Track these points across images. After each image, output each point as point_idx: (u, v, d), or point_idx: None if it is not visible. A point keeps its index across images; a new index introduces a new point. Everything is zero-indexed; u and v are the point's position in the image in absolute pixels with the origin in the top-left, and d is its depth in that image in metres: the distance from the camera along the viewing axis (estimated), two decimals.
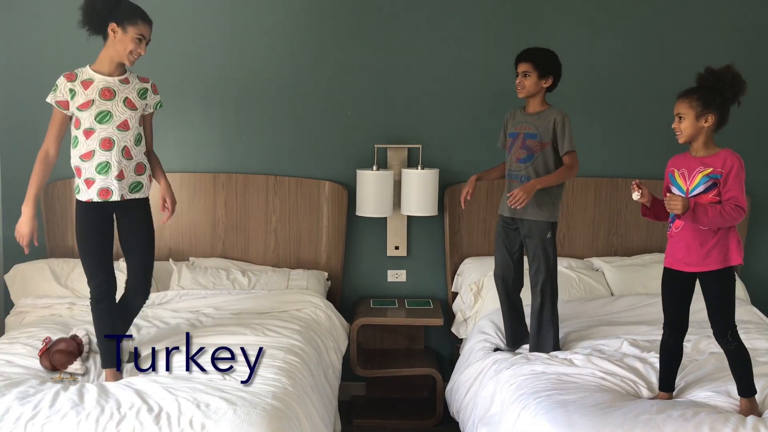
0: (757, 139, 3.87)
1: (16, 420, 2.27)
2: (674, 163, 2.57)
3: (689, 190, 2.47)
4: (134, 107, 2.70)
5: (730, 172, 2.42)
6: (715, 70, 2.47)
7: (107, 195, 2.66)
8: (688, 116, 2.46)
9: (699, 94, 2.45)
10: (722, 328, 2.50)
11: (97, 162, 2.65)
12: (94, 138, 2.65)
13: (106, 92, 2.66)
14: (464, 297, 3.68)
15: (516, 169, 3.02)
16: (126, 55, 2.64)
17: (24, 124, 3.83)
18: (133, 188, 2.73)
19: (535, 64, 2.94)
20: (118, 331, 2.74)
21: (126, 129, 2.68)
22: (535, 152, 2.97)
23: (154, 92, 2.80)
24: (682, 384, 2.68)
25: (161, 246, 3.85)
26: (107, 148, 2.65)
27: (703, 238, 2.47)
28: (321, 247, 3.87)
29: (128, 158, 2.69)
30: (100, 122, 2.64)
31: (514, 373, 2.78)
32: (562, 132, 2.94)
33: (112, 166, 2.65)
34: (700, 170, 2.46)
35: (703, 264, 2.49)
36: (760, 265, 3.97)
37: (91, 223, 2.68)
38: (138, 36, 2.63)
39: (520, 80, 2.97)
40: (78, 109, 2.64)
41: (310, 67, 3.81)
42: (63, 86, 2.65)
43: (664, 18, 3.79)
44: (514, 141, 3.05)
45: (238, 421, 2.27)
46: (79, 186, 2.69)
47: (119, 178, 2.67)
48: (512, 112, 3.13)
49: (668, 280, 2.61)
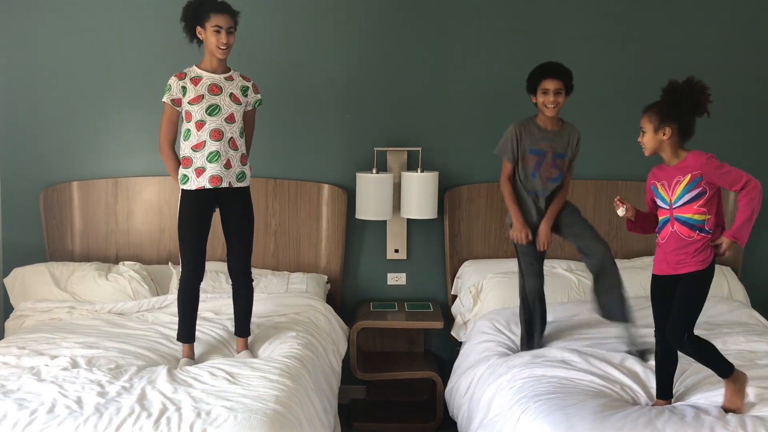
0: (754, 140, 3.86)
1: (13, 426, 2.26)
2: (655, 175, 2.59)
3: (672, 201, 2.50)
4: (239, 102, 2.92)
5: (707, 167, 2.44)
6: (673, 83, 2.50)
7: (218, 182, 2.87)
8: (648, 130, 2.51)
9: (657, 108, 2.50)
10: (680, 332, 2.49)
11: (208, 151, 2.85)
12: (204, 129, 2.85)
13: (214, 88, 2.87)
14: (464, 300, 3.67)
15: (548, 188, 3.08)
16: (214, 49, 2.84)
17: (22, 128, 3.83)
18: (239, 177, 2.94)
19: (566, 82, 2.98)
20: (196, 311, 2.97)
21: (232, 122, 2.89)
22: (563, 171, 3.09)
23: (255, 91, 3.01)
24: (682, 389, 2.67)
25: (161, 249, 3.85)
26: (217, 138, 2.85)
27: (691, 242, 2.48)
28: (321, 250, 3.87)
29: (234, 149, 2.90)
30: (210, 114, 2.85)
31: (514, 377, 2.77)
32: (576, 150, 3.09)
33: (222, 156, 2.86)
34: (679, 180, 2.48)
35: (693, 263, 2.50)
36: (759, 268, 3.96)
37: (196, 211, 2.90)
38: (214, 28, 2.81)
39: (554, 98, 2.96)
40: (189, 104, 2.86)
41: (310, 70, 3.81)
42: (176, 85, 2.87)
43: (662, 20, 3.78)
44: (541, 159, 3.04)
45: (239, 426, 2.26)
46: (188, 176, 2.88)
47: (227, 167, 2.88)
48: (523, 125, 3.07)
49: (657, 288, 2.61)
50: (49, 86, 3.81)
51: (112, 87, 3.80)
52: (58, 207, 3.81)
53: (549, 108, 2.98)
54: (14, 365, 2.76)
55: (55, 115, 3.83)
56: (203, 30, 2.84)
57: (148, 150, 3.76)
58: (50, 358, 2.80)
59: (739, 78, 3.79)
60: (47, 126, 3.84)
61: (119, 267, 3.65)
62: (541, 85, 2.98)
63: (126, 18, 3.76)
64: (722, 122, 3.50)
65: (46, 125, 3.84)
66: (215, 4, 2.84)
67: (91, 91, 3.81)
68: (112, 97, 3.81)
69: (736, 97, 3.77)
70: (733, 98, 3.75)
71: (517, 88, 3.41)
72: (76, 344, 2.95)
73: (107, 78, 3.80)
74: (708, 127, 2.62)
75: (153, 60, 3.76)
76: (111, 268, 3.65)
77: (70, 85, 3.80)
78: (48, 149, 3.85)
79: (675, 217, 2.49)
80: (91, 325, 3.23)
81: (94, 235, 3.84)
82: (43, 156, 3.85)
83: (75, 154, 3.85)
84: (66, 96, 3.82)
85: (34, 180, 3.84)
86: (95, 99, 3.82)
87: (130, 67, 3.79)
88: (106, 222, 3.83)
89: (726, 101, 3.59)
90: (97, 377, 2.63)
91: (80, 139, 3.84)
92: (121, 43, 3.77)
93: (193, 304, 2.97)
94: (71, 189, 3.82)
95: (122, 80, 3.80)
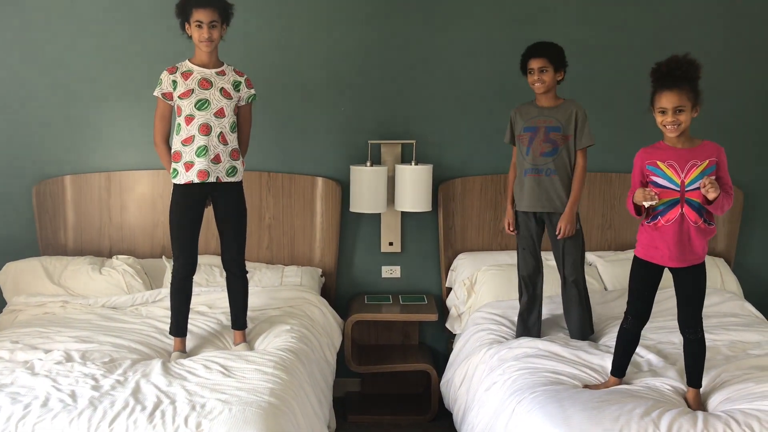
0: (750, 135, 3.87)
1: (7, 419, 2.26)
2: (653, 154, 2.52)
3: (685, 183, 2.46)
4: (230, 96, 2.91)
5: (722, 157, 2.48)
6: (689, 58, 2.46)
7: (205, 176, 2.87)
8: (687, 108, 2.44)
9: (689, 85, 2.45)
10: (697, 318, 2.53)
11: (196, 146, 2.85)
12: (193, 124, 2.85)
13: (204, 82, 2.87)
14: (458, 292, 3.68)
15: (542, 163, 3.03)
16: (198, 44, 2.86)
17: (14, 121, 3.81)
18: (230, 172, 2.92)
19: (551, 59, 2.98)
20: (187, 305, 2.99)
21: (222, 116, 2.88)
22: (560, 145, 3.02)
23: (248, 86, 2.98)
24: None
25: (154, 243, 3.84)
26: (205, 133, 2.85)
27: (694, 232, 2.48)
28: (315, 243, 3.86)
29: (224, 144, 2.90)
30: (199, 109, 2.85)
31: (509, 369, 2.78)
32: (582, 125, 3.01)
33: (210, 150, 2.85)
34: (695, 164, 2.45)
35: (697, 257, 2.50)
36: (751, 260, 3.98)
37: (186, 206, 2.91)
38: (196, 23, 2.82)
39: (538, 76, 2.98)
40: (179, 98, 2.87)
41: (303, 62, 3.80)
42: (166, 79, 2.88)
43: (656, 13, 3.78)
44: (533, 135, 3.04)
45: (233, 419, 2.26)
46: (177, 170, 2.88)
47: (216, 162, 2.88)
48: (519, 108, 3.14)
49: (643, 272, 2.59)
50: (41, 80, 3.78)
51: (105, 80, 3.78)
52: (51, 201, 3.79)
53: (537, 86, 3.01)
54: (8, 359, 2.76)
55: (48, 109, 3.81)
56: (188, 26, 2.86)
57: (142, 144, 3.75)
58: (44, 352, 2.79)
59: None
60: (40, 120, 3.82)
61: (113, 261, 3.64)
62: (528, 65, 3.01)
63: (119, 11, 3.73)
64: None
65: (39, 119, 3.82)
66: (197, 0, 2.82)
67: (85, 84, 3.78)
68: (105, 91, 3.79)
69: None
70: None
71: (511, 80, 3.42)
72: (70, 338, 2.95)
73: (101, 71, 3.78)
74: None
75: (147, 53, 3.74)
76: (104, 262, 3.64)
77: (63, 79, 3.78)
78: (41, 143, 3.82)
79: (686, 200, 2.46)
80: (85, 319, 3.22)
81: (88, 229, 3.83)
82: (35, 150, 3.83)
83: (68, 147, 3.83)
84: (59, 89, 3.79)
85: (26, 174, 3.82)
86: (88, 92, 3.79)
87: (123, 61, 3.77)
88: (100, 216, 3.82)
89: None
90: (91, 371, 2.63)
91: (73, 132, 3.82)
92: (115, 36, 3.75)
93: (184, 298, 2.97)
94: (64, 183, 3.80)
95: (116, 73, 3.77)
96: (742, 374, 2.62)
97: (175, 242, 2.94)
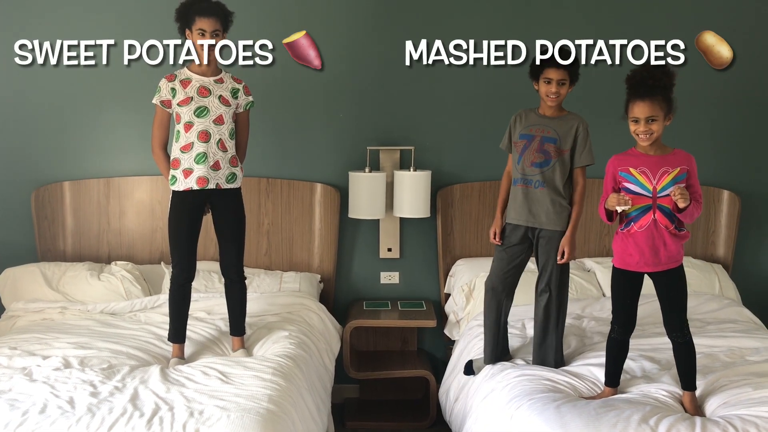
0: (747, 139, 3.88)
1: (5, 426, 2.25)
2: (626, 161, 2.56)
3: (657, 189, 2.50)
4: (228, 104, 2.93)
5: (693, 166, 2.53)
6: (667, 67, 2.53)
7: (204, 183, 2.88)
8: (659, 117, 2.48)
9: (662, 94, 2.48)
10: (682, 321, 2.56)
11: (195, 153, 2.86)
12: (193, 131, 2.87)
13: (203, 90, 2.89)
14: (456, 298, 3.68)
15: (530, 173, 2.84)
16: (199, 52, 2.87)
17: (13, 127, 3.81)
18: (229, 179, 2.94)
19: (571, 73, 2.79)
20: (186, 312, 2.99)
21: (221, 123, 2.90)
22: (553, 158, 2.81)
23: (246, 93, 3.00)
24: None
25: (153, 249, 3.84)
26: (204, 140, 2.87)
27: (668, 236, 2.51)
28: (313, 249, 3.86)
29: (223, 150, 2.91)
30: (198, 116, 2.87)
31: (507, 376, 2.78)
32: (583, 142, 2.83)
33: (209, 157, 2.87)
34: (667, 170, 2.50)
35: (673, 261, 2.53)
36: (748, 265, 3.98)
37: (185, 212, 2.91)
38: (198, 31, 2.84)
39: (556, 89, 2.78)
40: (178, 105, 2.88)
41: (301, 69, 3.80)
42: (165, 86, 2.90)
43: (653, 14, 3.78)
44: (528, 143, 2.85)
45: (231, 425, 2.26)
46: (176, 177, 2.90)
47: (215, 168, 2.89)
48: (521, 113, 2.94)
49: (622, 280, 2.62)
50: (40, 85, 3.79)
51: (104, 86, 3.78)
52: (49, 207, 3.79)
53: (550, 98, 2.80)
54: (6, 366, 2.75)
55: (47, 115, 3.81)
56: (189, 33, 2.87)
57: (140, 150, 3.75)
58: (42, 359, 2.79)
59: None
60: (39, 125, 3.82)
61: (111, 267, 3.64)
62: (544, 73, 2.79)
63: (118, 17, 3.74)
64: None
65: (38, 125, 3.82)
66: (201, 7, 2.85)
67: (83, 90, 3.79)
68: (104, 97, 3.80)
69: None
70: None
71: (510, 88, 3.43)
72: (69, 344, 2.94)
73: (99, 77, 3.78)
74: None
75: (145, 59, 3.73)
76: (103, 268, 3.64)
77: (62, 85, 3.78)
78: (39, 149, 3.83)
79: (658, 205, 2.51)
80: (84, 325, 3.22)
81: (86, 235, 3.83)
82: (34, 156, 3.83)
83: (67, 153, 3.83)
84: (58, 95, 3.79)
85: (25, 180, 3.82)
86: (87, 98, 3.80)
87: (122, 67, 3.76)
88: (98, 222, 3.82)
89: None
90: (89, 377, 2.63)
91: (72, 138, 3.83)
92: (114, 42, 3.75)
93: (183, 305, 2.98)
94: (63, 189, 3.80)
95: (114, 80, 3.78)
96: (740, 380, 2.62)
97: (174, 248, 2.95)
